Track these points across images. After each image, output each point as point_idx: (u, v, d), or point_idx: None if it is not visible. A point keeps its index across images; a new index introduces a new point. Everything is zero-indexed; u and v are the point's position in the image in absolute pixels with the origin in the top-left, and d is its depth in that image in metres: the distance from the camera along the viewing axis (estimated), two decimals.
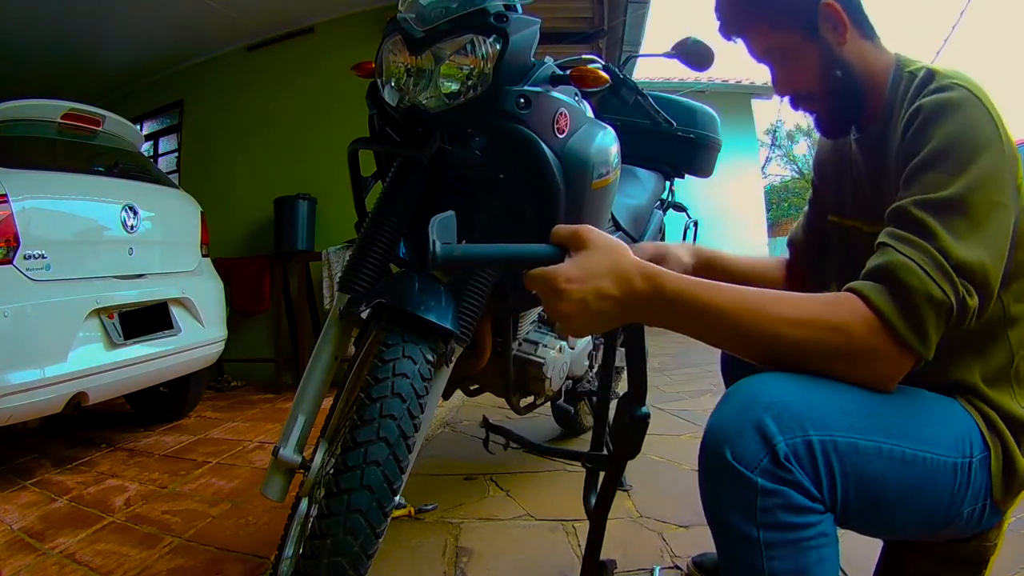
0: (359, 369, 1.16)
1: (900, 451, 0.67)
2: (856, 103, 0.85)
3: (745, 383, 0.70)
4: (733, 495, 0.64)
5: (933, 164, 0.70)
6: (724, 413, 0.67)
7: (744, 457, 0.63)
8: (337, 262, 3.31)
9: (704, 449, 0.67)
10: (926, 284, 0.65)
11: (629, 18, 4.23)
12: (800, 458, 0.63)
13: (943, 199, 0.68)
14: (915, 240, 0.67)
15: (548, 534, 1.57)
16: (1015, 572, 1.18)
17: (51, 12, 3.19)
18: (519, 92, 1.12)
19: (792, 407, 0.65)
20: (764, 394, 0.66)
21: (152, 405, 2.80)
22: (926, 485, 0.69)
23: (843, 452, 0.65)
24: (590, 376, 1.87)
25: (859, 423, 0.66)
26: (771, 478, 0.62)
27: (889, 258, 0.68)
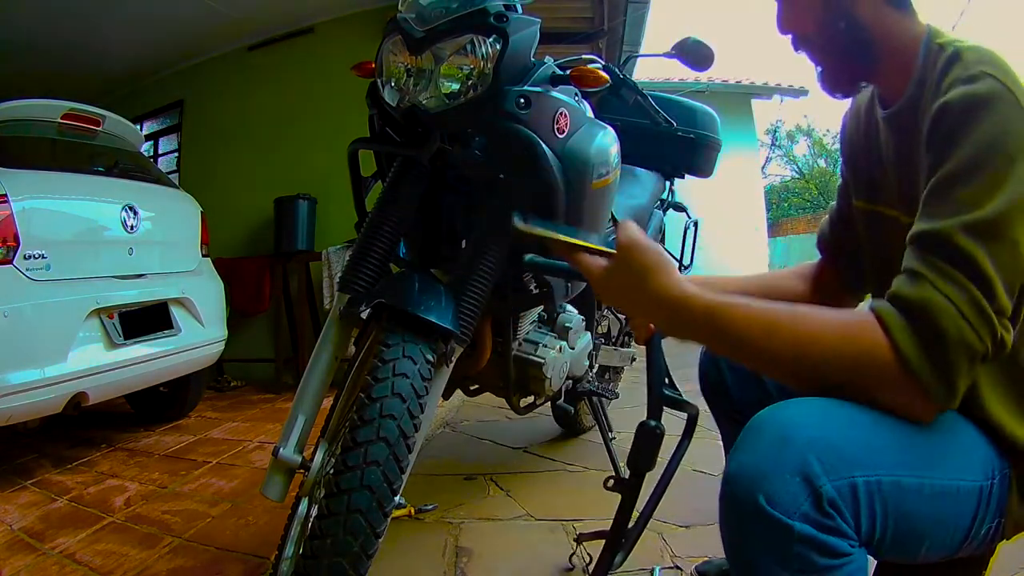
0: (359, 369, 1.16)
1: (940, 484, 0.64)
2: (860, 61, 0.79)
3: (773, 415, 0.64)
4: (765, 542, 0.59)
5: (966, 177, 0.63)
6: (755, 451, 0.62)
7: (781, 502, 0.58)
8: (337, 262, 3.30)
9: (730, 493, 0.62)
10: (962, 331, 0.59)
11: (629, 18, 4.23)
12: (845, 502, 0.59)
13: (983, 221, 0.61)
14: (955, 274, 0.61)
15: (548, 534, 1.57)
16: (1015, 572, 1.18)
17: (51, 12, 3.19)
18: (519, 92, 1.12)
19: (836, 445, 0.60)
20: (802, 428, 0.61)
21: (152, 405, 2.80)
22: (957, 513, 0.66)
23: (887, 492, 0.61)
24: (590, 376, 1.87)
25: (902, 458, 0.63)
26: (811, 524, 0.58)
27: (923, 294, 0.61)
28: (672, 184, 2.20)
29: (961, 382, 0.61)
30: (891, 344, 0.61)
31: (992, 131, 0.64)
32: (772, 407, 0.66)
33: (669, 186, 2.19)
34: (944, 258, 0.62)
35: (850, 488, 0.60)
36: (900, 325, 0.61)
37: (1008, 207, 0.61)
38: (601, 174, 1.27)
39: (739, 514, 0.61)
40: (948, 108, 0.67)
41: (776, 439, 0.61)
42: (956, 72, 0.70)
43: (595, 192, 1.26)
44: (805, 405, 0.65)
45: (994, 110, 0.65)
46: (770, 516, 0.58)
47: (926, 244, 0.64)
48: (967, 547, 0.71)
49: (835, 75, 0.82)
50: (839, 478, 0.59)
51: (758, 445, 0.62)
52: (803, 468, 0.59)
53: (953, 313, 0.60)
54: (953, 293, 0.60)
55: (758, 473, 0.60)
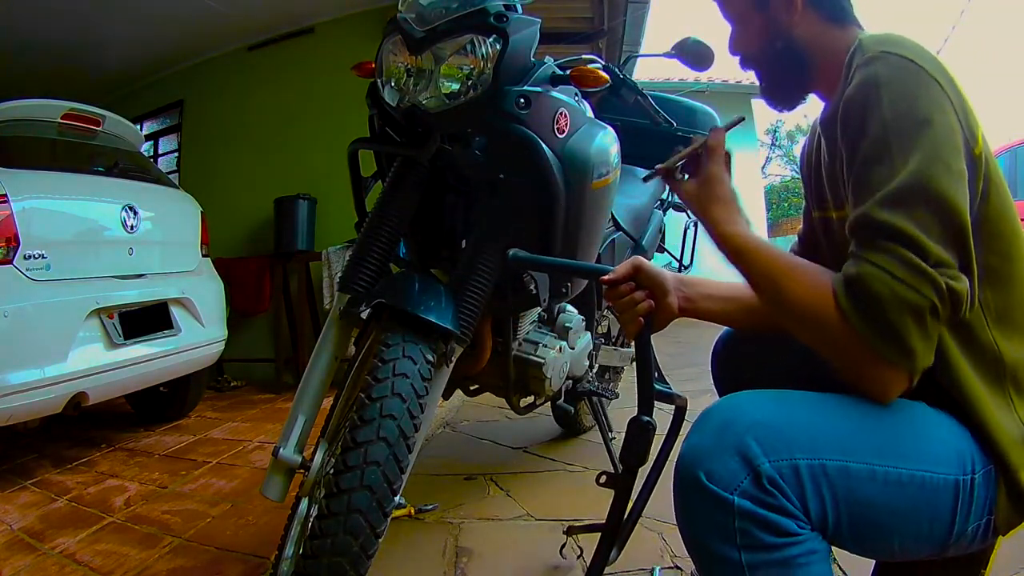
0: (359, 369, 1.16)
1: (896, 473, 0.65)
2: (795, 77, 0.87)
3: (725, 403, 0.68)
4: (709, 518, 0.62)
5: (877, 158, 0.67)
6: (700, 435, 0.66)
7: (721, 479, 0.61)
8: (337, 262, 3.30)
9: (677, 472, 0.66)
10: (894, 289, 0.62)
11: (629, 18, 4.23)
12: (786, 482, 0.61)
13: (898, 190, 0.64)
14: (882, 244, 0.64)
15: (548, 534, 1.56)
16: (1015, 572, 1.18)
17: (51, 12, 3.19)
18: (519, 92, 1.12)
19: (777, 428, 0.63)
20: (746, 414, 0.65)
21: (152, 405, 2.80)
22: (925, 506, 0.66)
23: (832, 476, 0.63)
24: (590, 376, 1.87)
25: (850, 444, 0.64)
26: (750, 500, 0.61)
27: (857, 268, 0.65)
28: None
29: (914, 340, 0.63)
30: (839, 312, 0.65)
31: (891, 105, 0.67)
32: (728, 396, 0.70)
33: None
34: (870, 234, 0.65)
35: (791, 469, 0.62)
36: (843, 296, 0.65)
37: (920, 169, 0.64)
38: (601, 174, 1.27)
39: (684, 491, 0.65)
40: (849, 101, 0.71)
41: (720, 422, 0.65)
42: (856, 60, 0.74)
43: (595, 192, 1.26)
44: (758, 394, 0.69)
45: (890, 85, 0.68)
46: (710, 491, 0.61)
47: (855, 229, 0.68)
48: (956, 545, 0.70)
49: (773, 88, 0.91)
50: (778, 459, 0.62)
51: (704, 428, 0.66)
52: (741, 448, 0.62)
53: (883, 276, 0.63)
54: (882, 259, 0.63)
55: (700, 452, 0.64)
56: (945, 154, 0.65)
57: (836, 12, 0.84)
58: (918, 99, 0.67)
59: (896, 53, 0.70)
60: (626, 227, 1.87)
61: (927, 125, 0.65)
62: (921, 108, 0.66)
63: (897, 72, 0.68)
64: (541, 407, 1.79)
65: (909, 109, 0.66)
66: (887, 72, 0.69)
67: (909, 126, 0.66)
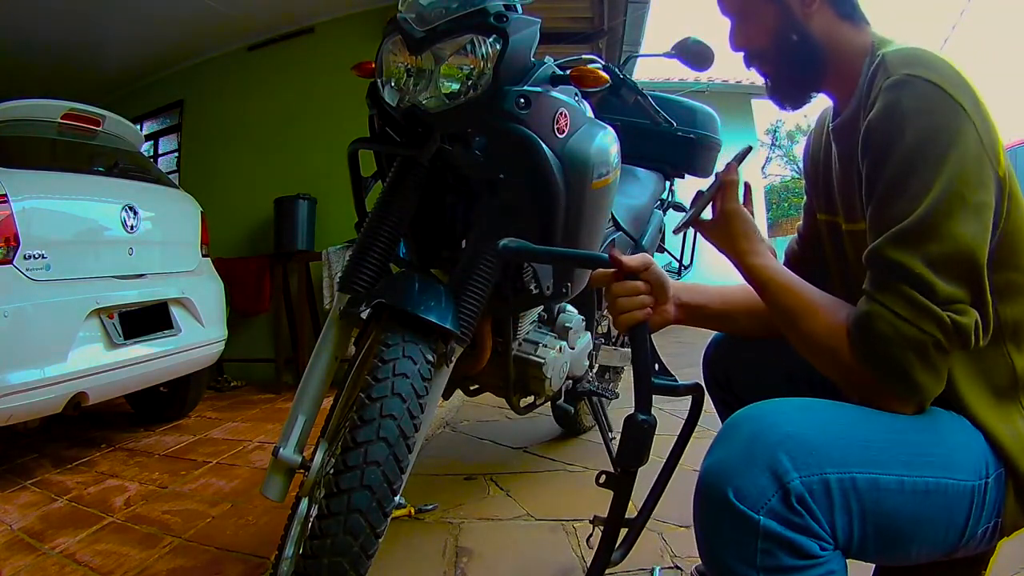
0: (359, 369, 1.16)
1: (923, 482, 0.64)
2: (811, 74, 0.83)
3: (752, 413, 0.66)
4: (731, 538, 0.60)
5: (896, 193, 0.67)
6: (727, 448, 0.64)
7: (748, 496, 0.59)
8: (337, 262, 3.30)
9: (702, 487, 0.64)
10: (898, 328, 0.64)
11: (629, 18, 4.23)
12: (815, 500, 0.60)
13: (910, 227, 0.65)
14: (890, 283, 0.65)
15: (548, 534, 1.57)
16: (1015, 572, 1.18)
17: (51, 12, 3.19)
18: (519, 92, 1.12)
19: (808, 441, 0.62)
20: (777, 427, 0.63)
21: (152, 405, 2.80)
22: (946, 513, 0.66)
23: (862, 490, 0.62)
24: (590, 376, 1.87)
25: (880, 456, 0.63)
26: (777, 520, 0.59)
27: (865, 307, 0.67)
28: (672, 184, 2.19)
29: (918, 375, 0.64)
30: (852, 352, 0.68)
31: (914, 138, 0.66)
32: (753, 405, 0.68)
33: (669, 186, 2.19)
34: (880, 271, 0.67)
35: (822, 485, 0.60)
36: (854, 335, 0.68)
37: (935, 206, 0.64)
38: (601, 174, 1.27)
39: (708, 508, 0.63)
40: (872, 127, 0.70)
41: (749, 435, 0.64)
42: (880, 81, 0.72)
43: (595, 192, 1.26)
44: (785, 403, 0.67)
45: (917, 116, 0.67)
46: (736, 510, 0.60)
47: (868, 263, 0.69)
48: (965, 547, 0.70)
49: (784, 87, 0.87)
50: (809, 475, 0.60)
51: (732, 441, 0.64)
52: (772, 463, 0.60)
53: (887, 315, 0.65)
54: (888, 299, 0.65)
55: (729, 467, 0.62)
56: (963, 188, 0.65)
57: (850, 9, 0.82)
58: (941, 132, 0.66)
59: (922, 77, 0.68)
60: (626, 227, 1.87)
61: (948, 159, 0.65)
62: (943, 141, 0.66)
63: (922, 102, 0.67)
64: (541, 407, 1.79)
65: (932, 143, 0.66)
66: (912, 102, 0.67)
67: (930, 161, 0.65)
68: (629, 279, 0.84)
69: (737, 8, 0.86)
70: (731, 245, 0.84)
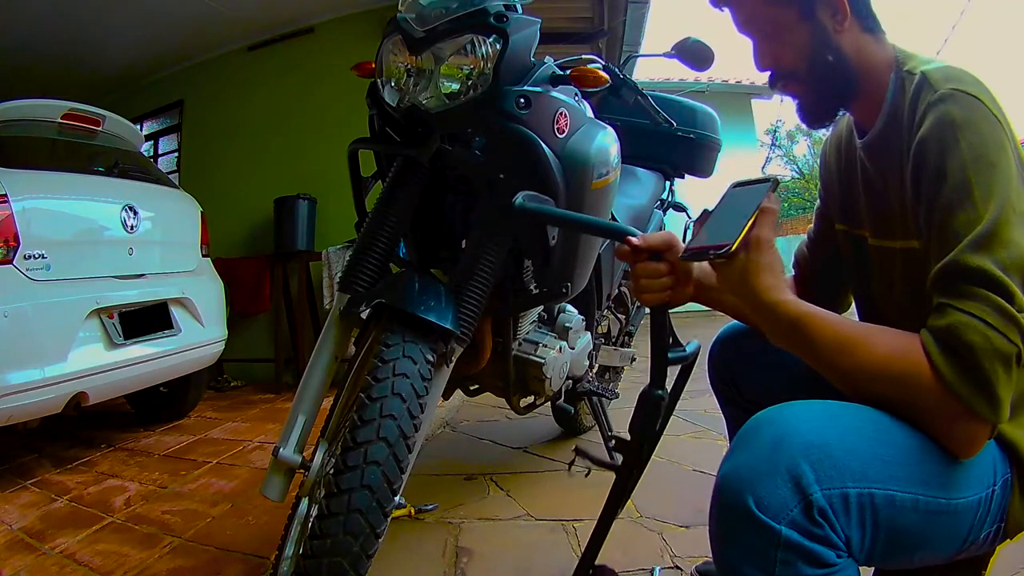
0: (359, 369, 1.16)
1: (936, 503, 0.64)
2: (844, 93, 0.81)
3: (774, 417, 0.65)
4: (750, 547, 0.60)
5: (959, 203, 0.66)
6: (749, 453, 0.62)
7: (770, 506, 0.58)
8: (337, 262, 3.30)
9: (720, 494, 0.62)
10: (990, 338, 0.61)
11: (629, 18, 4.22)
12: (835, 512, 0.59)
13: (983, 234, 0.64)
14: (972, 290, 0.63)
15: (548, 534, 1.57)
16: (1015, 572, 1.18)
17: (51, 12, 3.19)
18: (519, 92, 1.12)
19: (831, 452, 0.61)
20: (799, 434, 0.62)
21: (152, 405, 2.80)
22: (953, 528, 0.67)
23: (879, 506, 0.61)
24: (590, 376, 1.87)
25: (899, 472, 0.63)
26: (799, 531, 0.58)
27: (950, 319, 0.63)
28: (672, 184, 2.20)
29: (1002, 390, 0.61)
30: (932, 368, 0.63)
31: (970, 149, 0.66)
32: (774, 408, 0.66)
33: (669, 186, 2.19)
34: (960, 281, 0.64)
35: (841, 498, 0.60)
36: (936, 351, 0.63)
37: (1000, 212, 0.64)
38: (601, 174, 1.27)
39: (727, 515, 0.62)
40: (925, 144, 0.70)
41: (771, 441, 0.62)
42: (926, 97, 0.72)
43: (595, 192, 1.26)
44: (808, 408, 0.65)
45: (969, 127, 0.67)
46: (757, 519, 0.59)
47: (944, 278, 0.66)
48: (967, 551, 0.71)
49: (817, 107, 0.84)
50: (830, 487, 0.60)
51: (754, 446, 0.63)
52: (795, 473, 0.59)
53: (978, 325, 0.62)
54: (975, 307, 0.62)
55: (751, 475, 0.61)
56: (1013, 197, 0.65)
57: (873, 21, 0.80)
58: (990, 142, 0.67)
59: (964, 91, 0.69)
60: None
61: (998, 168, 0.66)
62: (993, 151, 0.66)
63: (970, 113, 0.68)
64: (541, 407, 1.79)
65: (985, 153, 0.66)
66: (962, 114, 0.68)
67: (986, 170, 0.66)
68: (653, 259, 0.81)
69: (763, 27, 0.81)
70: (753, 279, 0.73)
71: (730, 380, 1.11)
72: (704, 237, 0.78)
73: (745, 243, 0.73)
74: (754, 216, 0.74)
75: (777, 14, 0.79)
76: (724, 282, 0.76)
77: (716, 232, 0.77)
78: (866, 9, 0.80)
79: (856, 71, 0.80)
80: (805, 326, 0.70)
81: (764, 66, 0.83)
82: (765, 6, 0.80)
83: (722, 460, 0.65)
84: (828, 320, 0.71)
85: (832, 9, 0.78)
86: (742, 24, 0.84)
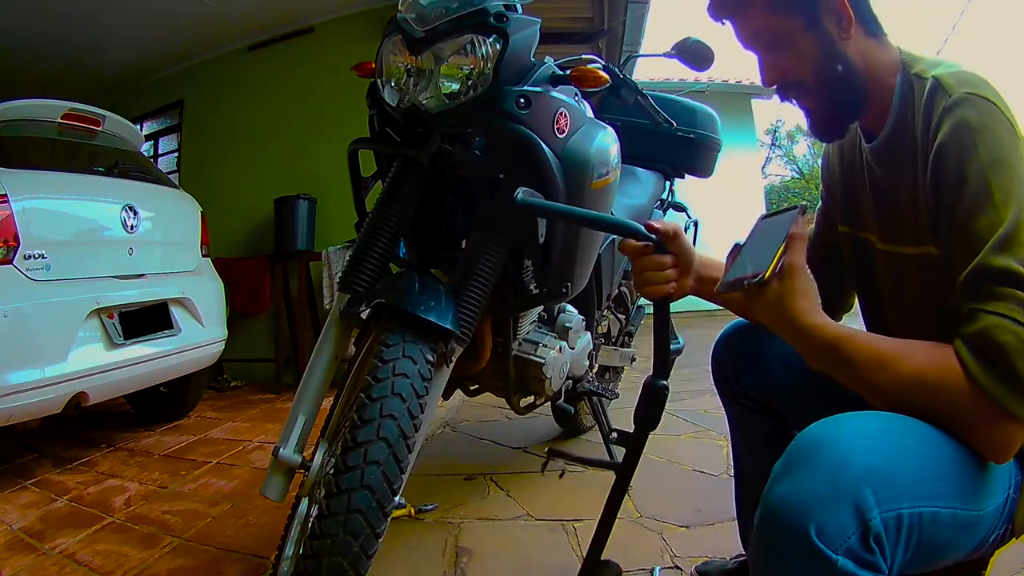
0: (359, 369, 1.16)
1: (969, 515, 0.65)
2: (855, 102, 0.80)
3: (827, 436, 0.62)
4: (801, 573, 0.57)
5: (981, 207, 0.66)
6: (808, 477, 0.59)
7: (830, 534, 0.56)
8: (337, 262, 3.31)
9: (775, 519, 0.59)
10: (1021, 337, 0.61)
11: (629, 18, 4.22)
12: (887, 536, 0.58)
13: (1007, 235, 0.64)
14: (1000, 291, 0.63)
15: (548, 534, 1.57)
16: (1015, 572, 1.18)
17: (51, 12, 3.19)
18: (519, 92, 1.12)
19: (891, 475, 0.60)
20: (860, 456, 0.60)
21: (152, 405, 2.80)
22: (975, 535, 0.67)
23: (925, 524, 0.61)
24: (590, 376, 1.87)
25: (944, 487, 0.63)
26: (854, 560, 0.57)
27: (980, 323, 0.63)
28: (672, 184, 2.20)
29: None
30: (966, 374, 0.63)
31: (988, 153, 0.67)
32: (827, 425, 0.64)
33: (669, 186, 2.19)
34: (987, 284, 0.64)
35: (895, 520, 0.59)
36: (969, 356, 0.63)
37: (1020, 212, 0.65)
38: (601, 174, 1.27)
39: (782, 541, 0.58)
40: (944, 149, 0.70)
41: (831, 465, 0.59)
42: (940, 102, 0.72)
43: (595, 192, 1.26)
44: (863, 425, 0.64)
45: (984, 130, 0.68)
46: (816, 548, 0.56)
47: (970, 283, 0.66)
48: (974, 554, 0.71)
49: (829, 119, 0.83)
50: (887, 510, 0.58)
51: (811, 470, 0.59)
52: (857, 499, 0.57)
53: (1007, 324, 0.62)
54: (1003, 307, 0.62)
55: (813, 500, 0.58)
56: None
57: (875, 24, 0.80)
58: (1007, 146, 0.67)
59: (979, 95, 0.70)
60: None
61: (1015, 170, 0.66)
62: (1010, 155, 0.67)
63: (986, 117, 0.69)
64: (541, 407, 1.79)
65: (1002, 156, 0.67)
66: (978, 118, 0.69)
67: (1005, 173, 0.66)
68: (658, 253, 0.82)
69: (767, 39, 0.80)
70: (789, 304, 0.73)
71: (733, 378, 1.11)
72: (737, 269, 0.79)
73: (778, 271, 0.73)
74: (784, 243, 0.74)
75: (782, 25, 0.78)
76: (760, 310, 0.76)
77: (748, 263, 0.78)
78: (869, 13, 0.79)
79: (864, 78, 0.79)
80: (843, 347, 0.70)
81: (771, 80, 0.82)
82: (769, 17, 0.78)
83: (770, 481, 0.62)
84: (865, 339, 0.71)
85: (837, 16, 0.77)
86: (746, 38, 0.82)
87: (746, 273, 0.76)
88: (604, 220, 1.06)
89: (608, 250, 1.75)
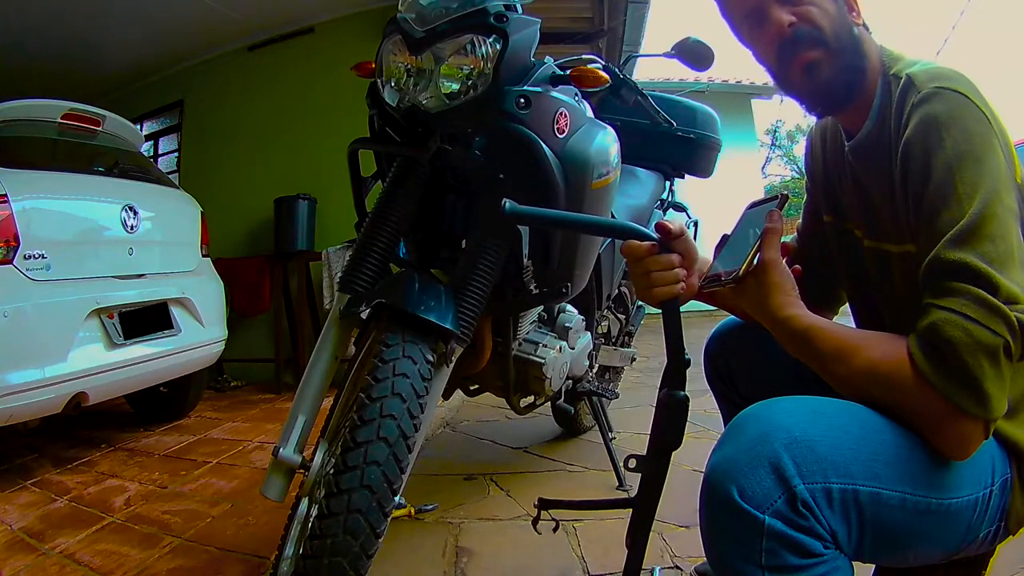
0: (359, 369, 1.16)
1: (925, 503, 0.64)
2: (857, 76, 0.80)
3: (760, 412, 0.66)
4: (735, 535, 0.61)
5: (943, 202, 0.66)
6: (734, 446, 0.64)
7: (754, 496, 0.60)
8: (337, 262, 3.31)
9: (707, 486, 0.64)
10: (971, 332, 0.60)
11: (629, 18, 4.22)
12: (818, 505, 0.60)
13: (965, 229, 0.64)
14: (953, 285, 0.63)
15: (548, 534, 1.56)
16: (1015, 572, 1.18)
17: (51, 12, 3.19)
18: (519, 92, 1.12)
19: (816, 448, 0.61)
20: (784, 429, 0.63)
21: (152, 405, 2.80)
22: (944, 529, 0.67)
23: (864, 503, 0.62)
24: (590, 376, 1.87)
25: (885, 471, 0.63)
26: (783, 521, 0.59)
27: (930, 318, 0.63)
28: (672, 184, 2.20)
29: (989, 385, 0.61)
30: (914, 369, 0.64)
31: (955, 146, 0.67)
32: (762, 403, 0.67)
33: (669, 186, 2.19)
34: (941, 278, 0.64)
35: (824, 493, 0.61)
36: (917, 350, 0.64)
37: (985, 205, 0.64)
38: (601, 174, 1.27)
39: (713, 506, 0.63)
40: (909, 144, 0.70)
41: (756, 435, 0.63)
42: (911, 98, 0.72)
43: (595, 192, 1.26)
44: (795, 404, 0.66)
45: (952, 124, 0.67)
46: (741, 508, 0.60)
47: (927, 277, 0.66)
48: (967, 550, 0.71)
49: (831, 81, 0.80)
50: (813, 482, 0.60)
51: (739, 440, 0.64)
52: (778, 466, 0.60)
53: (956, 319, 0.61)
54: (953, 302, 0.62)
55: (735, 466, 0.62)
56: (1002, 191, 0.65)
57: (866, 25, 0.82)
58: (975, 138, 0.67)
59: (950, 89, 0.69)
60: None
61: (984, 164, 0.66)
62: (978, 147, 0.66)
63: (955, 110, 0.68)
64: (541, 407, 1.79)
65: (970, 149, 0.66)
66: (946, 111, 0.68)
67: (971, 166, 0.66)
68: (664, 251, 0.80)
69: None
70: (765, 298, 0.76)
71: (725, 375, 1.11)
72: (718, 264, 0.81)
73: (752, 267, 0.76)
74: (759, 239, 0.76)
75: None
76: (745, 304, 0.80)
77: (728, 258, 0.80)
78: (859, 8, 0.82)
79: (865, 62, 0.80)
80: (811, 337, 0.73)
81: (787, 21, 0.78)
82: None
83: (710, 454, 0.66)
84: (830, 329, 0.73)
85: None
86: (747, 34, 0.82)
87: (724, 269, 0.78)
88: (602, 224, 1.06)
89: (608, 250, 1.75)
